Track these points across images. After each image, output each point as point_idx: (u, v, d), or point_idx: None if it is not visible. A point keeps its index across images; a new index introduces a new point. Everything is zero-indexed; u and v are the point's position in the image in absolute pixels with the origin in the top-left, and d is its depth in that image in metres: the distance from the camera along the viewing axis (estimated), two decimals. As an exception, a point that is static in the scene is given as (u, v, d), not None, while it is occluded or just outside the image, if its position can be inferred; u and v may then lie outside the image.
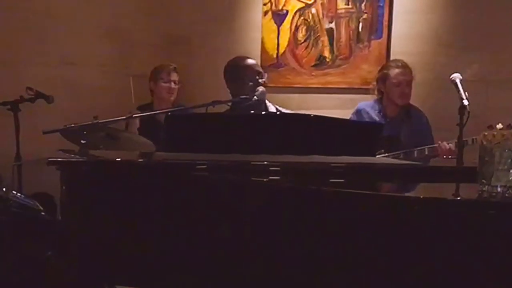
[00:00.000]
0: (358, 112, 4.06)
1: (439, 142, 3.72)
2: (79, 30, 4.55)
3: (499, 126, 2.00)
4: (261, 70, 3.78)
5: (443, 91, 3.78)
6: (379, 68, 4.12)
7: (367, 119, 3.92)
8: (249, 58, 3.88)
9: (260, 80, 3.65)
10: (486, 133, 2.02)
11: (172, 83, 4.32)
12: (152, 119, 3.76)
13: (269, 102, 3.79)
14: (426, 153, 3.74)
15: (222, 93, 3.75)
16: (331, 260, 2.06)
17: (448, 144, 3.68)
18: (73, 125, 2.93)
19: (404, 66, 3.93)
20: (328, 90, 4.60)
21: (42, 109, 3.87)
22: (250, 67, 3.73)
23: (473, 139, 3.29)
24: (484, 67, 4.12)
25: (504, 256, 1.85)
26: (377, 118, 3.92)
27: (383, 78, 3.96)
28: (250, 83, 3.60)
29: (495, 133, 1.99)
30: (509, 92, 4.08)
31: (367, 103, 4.09)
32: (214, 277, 2.28)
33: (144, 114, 3.61)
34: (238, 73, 3.69)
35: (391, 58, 4.33)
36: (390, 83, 3.93)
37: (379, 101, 4.03)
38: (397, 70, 3.91)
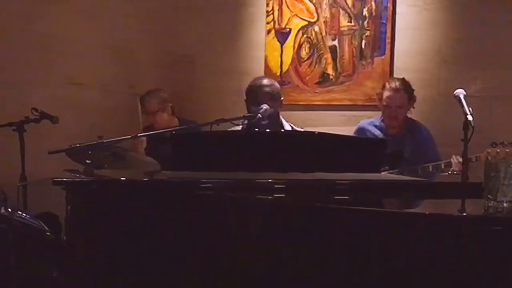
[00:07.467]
0: (360, 130, 4.04)
1: (453, 156, 3.66)
2: (84, 50, 4.58)
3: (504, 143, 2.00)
4: (266, 94, 3.56)
5: (447, 107, 3.79)
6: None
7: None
8: (264, 79, 3.79)
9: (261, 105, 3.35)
10: (489, 151, 2.02)
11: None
12: (157, 137, 3.73)
13: (284, 120, 3.76)
14: (431, 169, 3.72)
15: (226, 111, 3.75)
16: (337, 276, 2.05)
17: (457, 157, 3.64)
18: (78, 145, 2.93)
19: (397, 90, 3.85)
20: (332, 107, 4.60)
21: (47, 129, 3.88)
22: (258, 89, 3.64)
23: (476, 156, 3.27)
24: (487, 82, 4.12)
25: (510, 272, 1.84)
26: (379, 136, 3.90)
27: (379, 96, 3.97)
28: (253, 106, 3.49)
29: (498, 150, 1.99)
30: (513, 108, 4.07)
31: (368, 121, 4.08)
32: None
33: (148, 134, 3.62)
34: (249, 93, 3.67)
35: (394, 74, 4.33)
36: (382, 103, 3.93)
37: (381, 118, 4.01)
38: (387, 93, 3.88)
